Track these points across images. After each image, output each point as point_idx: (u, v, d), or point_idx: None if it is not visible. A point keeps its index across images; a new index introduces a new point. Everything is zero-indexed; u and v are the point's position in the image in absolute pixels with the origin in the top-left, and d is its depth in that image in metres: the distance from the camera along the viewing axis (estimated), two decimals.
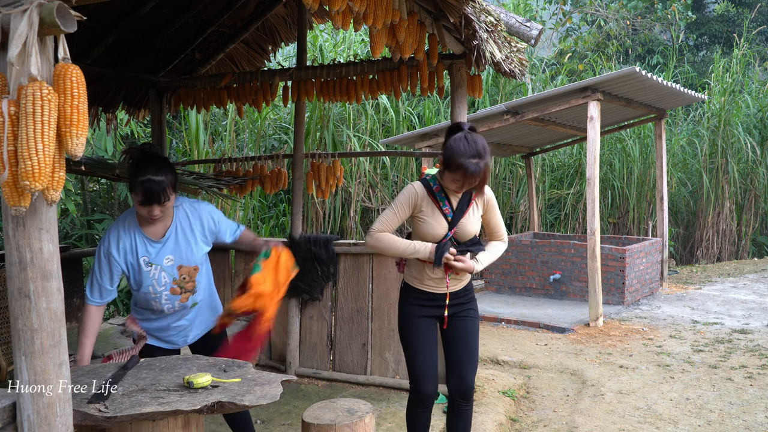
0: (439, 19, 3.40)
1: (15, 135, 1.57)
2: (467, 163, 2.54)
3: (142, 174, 2.45)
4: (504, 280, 8.01)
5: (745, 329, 6.12)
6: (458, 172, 2.57)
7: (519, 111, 6.62)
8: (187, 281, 2.71)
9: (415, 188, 2.74)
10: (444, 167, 2.64)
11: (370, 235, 2.75)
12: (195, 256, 2.71)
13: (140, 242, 2.61)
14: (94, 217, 7.78)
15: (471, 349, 2.85)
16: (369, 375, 4.49)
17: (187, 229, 2.69)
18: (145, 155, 2.56)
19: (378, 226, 2.74)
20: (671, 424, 3.92)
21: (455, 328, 2.85)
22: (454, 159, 2.56)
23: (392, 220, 2.73)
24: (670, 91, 6.96)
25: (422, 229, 2.75)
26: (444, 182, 2.70)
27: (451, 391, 2.87)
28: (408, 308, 2.84)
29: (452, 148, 2.58)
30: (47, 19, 1.54)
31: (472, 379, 2.86)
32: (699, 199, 11.57)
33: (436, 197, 2.73)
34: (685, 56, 15.42)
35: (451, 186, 2.67)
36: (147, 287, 2.65)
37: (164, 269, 2.65)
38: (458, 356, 2.84)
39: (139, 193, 2.46)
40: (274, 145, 9.55)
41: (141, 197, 2.46)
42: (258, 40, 5.39)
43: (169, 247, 2.65)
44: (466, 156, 2.54)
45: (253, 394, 2.10)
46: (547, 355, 5.44)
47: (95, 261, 2.63)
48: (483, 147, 2.58)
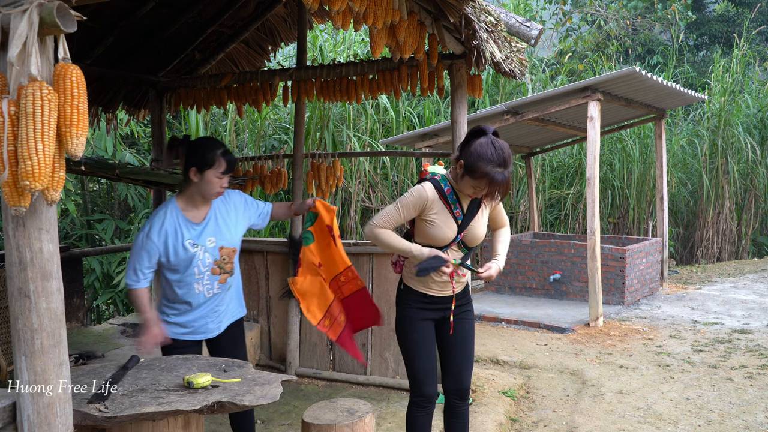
0: (439, 19, 3.40)
1: (15, 135, 1.57)
2: (494, 172, 2.45)
3: (219, 147, 2.74)
4: (504, 280, 8.01)
5: (745, 329, 6.13)
6: (483, 180, 2.47)
7: (519, 111, 6.62)
8: (227, 262, 2.86)
9: (426, 191, 2.61)
10: (465, 172, 2.52)
11: (370, 227, 2.68)
12: (234, 237, 2.88)
13: (184, 225, 2.76)
14: (94, 217, 7.78)
15: (469, 350, 2.86)
16: (369, 375, 4.49)
17: (225, 212, 2.88)
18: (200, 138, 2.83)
19: (379, 221, 2.67)
20: (671, 424, 3.92)
21: (455, 330, 2.82)
22: (479, 166, 2.46)
23: (395, 218, 2.65)
24: (670, 91, 6.96)
25: (431, 232, 2.64)
26: (460, 186, 2.59)
27: (448, 392, 2.86)
28: (409, 311, 2.77)
29: (478, 154, 2.46)
30: (47, 19, 1.54)
31: (470, 380, 2.87)
32: (699, 199, 11.57)
33: (447, 200, 2.63)
34: (685, 56, 15.43)
35: (468, 191, 2.58)
36: (192, 269, 2.77)
37: (207, 250, 2.79)
38: (457, 358, 2.83)
39: (222, 163, 2.72)
40: (274, 145, 9.56)
41: (225, 167, 2.72)
42: (258, 40, 5.39)
43: (211, 229, 2.81)
44: (493, 164, 2.44)
45: (253, 394, 2.10)
46: (547, 355, 5.44)
47: (133, 248, 2.76)
48: (509, 155, 2.49)
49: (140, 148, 8.86)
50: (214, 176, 2.72)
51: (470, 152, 2.50)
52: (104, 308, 8.19)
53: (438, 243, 2.67)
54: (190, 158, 2.74)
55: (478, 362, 5.31)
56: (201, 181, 2.73)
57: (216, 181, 2.74)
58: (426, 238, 2.68)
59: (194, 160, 2.73)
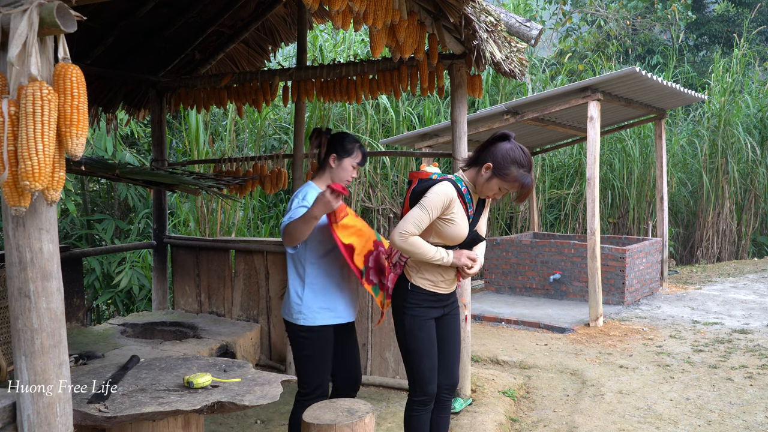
0: (439, 19, 3.40)
1: (15, 135, 1.57)
2: (525, 176, 2.63)
3: (355, 141, 2.99)
4: (504, 280, 8.02)
5: (745, 329, 6.13)
6: (515, 183, 2.64)
7: (519, 111, 6.62)
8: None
9: (449, 189, 2.64)
10: (495, 174, 2.63)
11: (402, 237, 2.61)
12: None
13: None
14: (94, 217, 7.78)
15: (459, 345, 3.00)
16: (369, 375, 4.48)
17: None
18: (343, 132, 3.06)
19: (410, 229, 2.61)
20: (671, 424, 3.92)
21: (447, 327, 2.91)
22: (511, 169, 2.61)
23: (424, 222, 2.62)
24: (670, 91, 6.96)
25: (449, 232, 2.67)
26: (484, 188, 2.69)
27: (440, 387, 2.94)
28: (417, 311, 2.79)
29: (510, 157, 2.62)
30: (47, 19, 1.54)
31: (459, 374, 3.05)
32: (699, 199, 11.57)
33: (464, 199, 2.70)
34: (685, 56, 15.43)
35: (490, 192, 2.69)
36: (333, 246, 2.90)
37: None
38: (449, 353, 2.92)
39: (358, 155, 2.98)
40: (274, 145, 9.55)
41: (360, 158, 2.98)
42: (258, 40, 5.39)
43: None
44: (524, 168, 2.63)
45: (253, 394, 2.11)
46: (547, 355, 5.44)
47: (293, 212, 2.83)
48: (531, 159, 2.72)
49: (140, 148, 8.86)
50: (349, 164, 2.97)
51: (500, 156, 2.63)
52: (104, 308, 8.19)
53: (454, 242, 2.71)
54: (332, 146, 2.97)
55: (478, 362, 5.31)
56: (338, 167, 2.96)
57: (350, 170, 2.99)
58: (442, 238, 2.69)
59: (336, 148, 2.96)
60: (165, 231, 5.43)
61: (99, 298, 7.43)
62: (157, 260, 5.46)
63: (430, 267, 2.75)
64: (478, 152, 2.72)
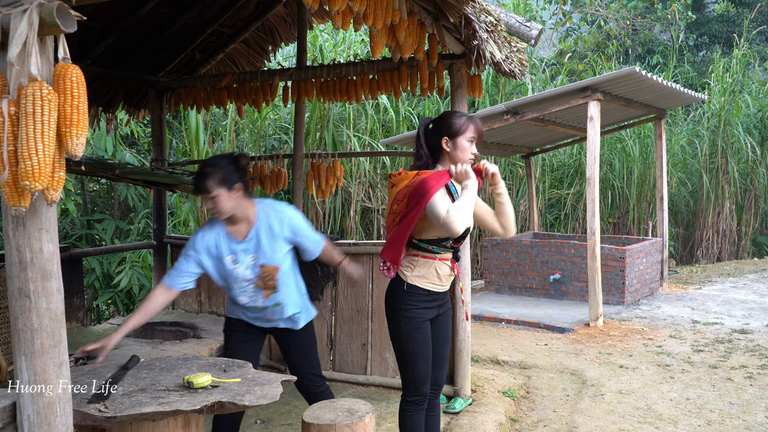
0: (439, 19, 3.40)
1: (15, 135, 1.57)
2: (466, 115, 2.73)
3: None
4: (504, 280, 8.01)
5: (745, 329, 6.13)
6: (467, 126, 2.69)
7: (519, 111, 6.62)
8: (269, 279, 2.86)
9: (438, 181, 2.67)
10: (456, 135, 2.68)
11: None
12: (276, 255, 2.85)
13: (224, 241, 2.81)
14: (94, 217, 7.78)
15: (449, 344, 3.03)
16: (369, 375, 4.49)
17: (270, 230, 2.83)
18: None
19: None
20: (671, 424, 3.92)
21: (441, 325, 2.92)
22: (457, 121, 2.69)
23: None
24: (670, 91, 6.96)
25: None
26: (458, 155, 2.70)
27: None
28: (414, 312, 2.78)
29: (445, 118, 2.73)
30: (47, 19, 1.54)
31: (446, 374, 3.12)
32: (699, 199, 11.57)
33: (450, 190, 2.72)
34: (685, 56, 15.42)
35: (464, 154, 2.70)
36: (233, 283, 2.84)
37: (248, 267, 2.82)
38: (441, 352, 2.93)
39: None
40: (274, 145, 9.55)
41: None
42: (258, 40, 5.40)
43: (252, 247, 2.81)
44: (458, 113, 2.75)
45: (253, 394, 2.10)
46: (547, 355, 5.44)
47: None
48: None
49: (140, 148, 8.87)
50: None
51: (442, 126, 2.72)
52: (104, 308, 8.19)
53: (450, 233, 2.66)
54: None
55: (478, 362, 5.31)
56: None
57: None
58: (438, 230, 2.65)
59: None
60: (165, 231, 5.43)
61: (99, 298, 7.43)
62: (157, 260, 5.46)
63: (421, 262, 2.75)
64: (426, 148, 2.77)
